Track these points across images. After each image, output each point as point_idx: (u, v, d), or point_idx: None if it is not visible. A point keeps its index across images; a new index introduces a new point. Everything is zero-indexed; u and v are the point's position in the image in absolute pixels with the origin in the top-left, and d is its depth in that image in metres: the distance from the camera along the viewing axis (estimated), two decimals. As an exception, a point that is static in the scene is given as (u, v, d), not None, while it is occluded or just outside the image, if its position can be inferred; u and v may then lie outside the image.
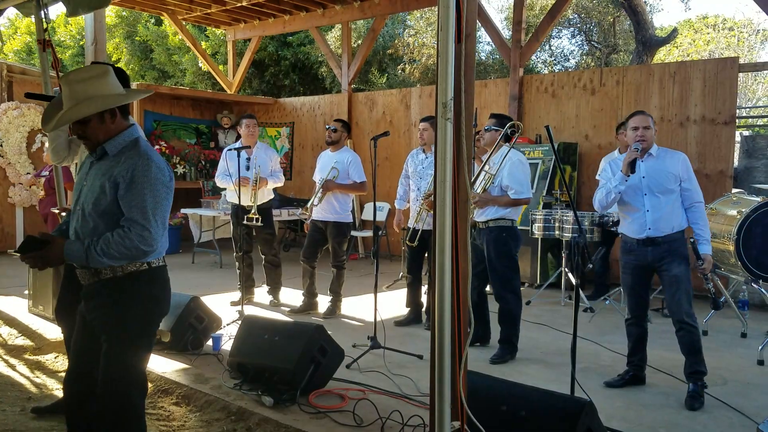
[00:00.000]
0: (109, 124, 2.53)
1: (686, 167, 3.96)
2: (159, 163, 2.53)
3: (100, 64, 2.83)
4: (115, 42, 17.09)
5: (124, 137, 2.57)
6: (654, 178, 3.96)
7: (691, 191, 3.95)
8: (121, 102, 2.57)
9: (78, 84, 2.50)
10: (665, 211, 3.92)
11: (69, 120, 2.54)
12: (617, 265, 6.28)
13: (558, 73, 13.32)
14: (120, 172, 2.46)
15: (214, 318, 4.90)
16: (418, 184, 5.46)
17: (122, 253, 2.43)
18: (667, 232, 3.91)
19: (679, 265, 3.90)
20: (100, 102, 2.49)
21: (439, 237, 2.22)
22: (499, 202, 4.73)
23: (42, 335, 5.23)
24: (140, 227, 2.43)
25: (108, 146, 2.54)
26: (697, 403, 3.78)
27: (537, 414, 2.89)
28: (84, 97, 2.48)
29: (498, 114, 4.95)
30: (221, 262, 8.73)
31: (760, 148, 8.87)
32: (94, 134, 2.53)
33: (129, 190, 2.44)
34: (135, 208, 2.44)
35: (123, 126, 2.58)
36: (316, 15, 10.12)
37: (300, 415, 3.59)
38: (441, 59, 2.15)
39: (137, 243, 2.43)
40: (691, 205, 3.95)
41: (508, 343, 4.72)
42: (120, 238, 2.41)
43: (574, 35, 18.13)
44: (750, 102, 19.15)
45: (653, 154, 4.01)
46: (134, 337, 2.55)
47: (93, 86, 2.51)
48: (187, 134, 11.01)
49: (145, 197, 2.45)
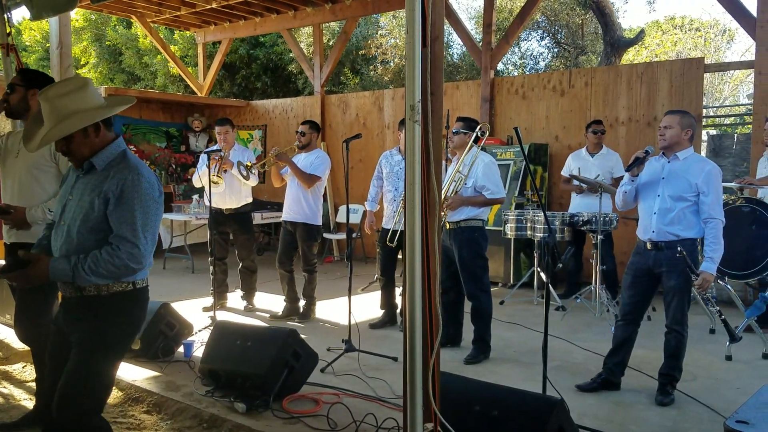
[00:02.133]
0: (93, 138, 2.47)
1: (708, 180, 3.73)
2: (149, 177, 2.48)
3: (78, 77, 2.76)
4: (82, 45, 16.82)
5: (110, 150, 2.51)
6: (671, 182, 3.82)
7: (707, 205, 3.72)
8: (105, 115, 2.50)
9: (58, 99, 2.42)
10: (672, 217, 3.79)
11: (54, 139, 2.45)
12: (589, 264, 6.39)
13: (528, 75, 13.46)
14: (110, 187, 2.41)
15: (186, 324, 4.85)
16: (396, 185, 5.46)
17: (110, 272, 2.38)
18: (671, 239, 3.77)
19: (679, 276, 3.76)
20: (84, 117, 2.43)
21: (410, 239, 2.22)
22: (474, 202, 4.76)
23: (9, 345, 5.12)
24: (130, 245, 2.38)
25: (95, 160, 2.49)
26: (667, 399, 3.83)
27: (509, 413, 2.91)
28: (67, 113, 2.41)
29: (465, 117, 5.00)
30: (193, 268, 8.63)
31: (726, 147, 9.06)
32: (79, 150, 2.47)
33: (118, 206, 2.39)
34: (125, 225, 2.39)
35: (108, 139, 2.52)
36: (287, 17, 10.08)
37: (273, 420, 3.57)
38: (408, 62, 2.15)
39: (126, 261, 2.38)
40: (705, 219, 3.74)
41: (481, 342, 4.75)
42: (109, 256, 2.36)
43: (543, 37, 18.34)
44: (716, 102, 19.53)
45: (680, 158, 3.85)
46: (105, 358, 2.50)
47: (74, 101, 2.44)
48: (157, 138, 10.87)
49: (135, 213, 2.40)
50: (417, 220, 2.20)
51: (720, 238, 3.74)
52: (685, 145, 3.86)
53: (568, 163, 6.89)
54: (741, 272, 5.38)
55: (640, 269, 3.97)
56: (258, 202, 9.37)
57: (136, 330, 2.63)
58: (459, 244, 4.78)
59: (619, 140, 7.43)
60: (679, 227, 3.80)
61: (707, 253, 3.73)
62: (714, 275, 3.72)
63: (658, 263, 3.86)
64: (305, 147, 5.93)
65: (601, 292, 5.95)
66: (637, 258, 4.00)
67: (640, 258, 3.97)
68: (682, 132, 3.83)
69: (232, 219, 6.26)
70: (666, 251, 3.80)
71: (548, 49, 18.64)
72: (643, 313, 4.14)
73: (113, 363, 2.56)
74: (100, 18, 16.57)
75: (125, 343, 2.60)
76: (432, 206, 2.37)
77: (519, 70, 18.11)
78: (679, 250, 3.71)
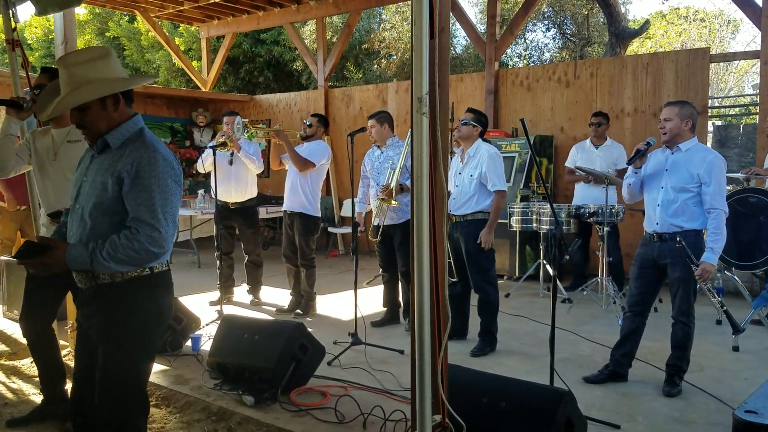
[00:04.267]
0: (111, 111, 2.29)
1: (710, 169, 3.71)
2: (166, 155, 2.31)
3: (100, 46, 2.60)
4: (86, 39, 16.82)
5: (127, 127, 2.33)
6: (674, 173, 3.81)
7: (709, 195, 3.71)
8: (126, 87, 2.32)
9: (77, 67, 2.25)
10: (675, 209, 3.78)
11: (67, 106, 2.27)
12: (595, 256, 6.38)
13: (533, 66, 13.40)
14: (124, 166, 2.22)
15: (193, 318, 4.87)
16: (377, 179, 5.39)
17: (131, 257, 2.20)
18: (674, 231, 3.77)
19: (684, 267, 3.75)
20: (102, 86, 2.25)
21: (417, 232, 2.22)
22: (493, 221, 4.70)
23: (17, 340, 5.14)
24: (149, 227, 2.20)
25: (110, 138, 2.30)
26: (674, 389, 3.83)
27: (517, 405, 2.92)
28: (84, 81, 2.23)
29: (475, 109, 4.98)
30: (199, 262, 8.66)
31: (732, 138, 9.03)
32: (95, 123, 2.29)
33: (135, 186, 2.21)
34: (142, 206, 2.20)
35: (127, 115, 2.34)
36: (290, 11, 10.06)
37: (281, 413, 3.58)
38: (415, 54, 2.14)
39: (147, 245, 2.19)
40: (707, 210, 3.73)
41: (488, 335, 4.75)
42: (128, 241, 2.18)
43: (549, 28, 18.26)
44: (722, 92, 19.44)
45: (682, 149, 3.83)
46: (133, 349, 2.32)
47: (94, 69, 2.26)
48: (161, 133, 10.88)
49: (153, 193, 2.21)
50: (425, 212, 2.19)
51: (722, 229, 3.71)
52: (687, 135, 3.84)
53: (572, 154, 6.87)
54: (748, 263, 5.37)
55: (645, 260, 3.97)
56: (263, 196, 9.38)
57: (161, 319, 2.42)
58: (465, 237, 4.77)
59: (624, 131, 7.41)
60: (682, 218, 3.79)
61: (708, 243, 3.71)
62: (715, 266, 3.70)
63: (662, 255, 3.86)
64: (308, 138, 5.89)
65: (607, 284, 5.94)
66: (643, 249, 4.00)
67: (646, 249, 3.96)
68: (682, 123, 3.82)
69: (238, 213, 6.27)
70: (670, 243, 3.80)
71: (553, 40, 18.57)
72: (651, 305, 4.12)
73: (141, 355, 2.36)
74: (104, 11, 16.56)
75: (152, 335, 2.39)
76: (439, 198, 2.37)
77: (524, 61, 18.04)
78: (678, 240, 3.71)
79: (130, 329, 2.31)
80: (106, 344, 2.32)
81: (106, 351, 2.31)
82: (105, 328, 2.32)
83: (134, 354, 2.34)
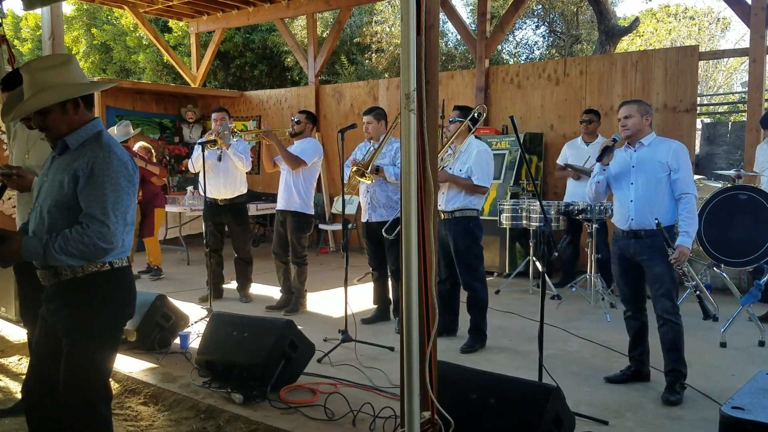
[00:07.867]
0: (71, 115, 2.42)
1: (677, 156, 3.77)
2: (121, 155, 2.42)
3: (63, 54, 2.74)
4: (74, 34, 16.68)
5: (86, 130, 2.46)
6: (642, 168, 3.84)
7: (680, 181, 3.76)
8: (85, 92, 2.46)
9: (39, 72, 2.39)
10: (649, 202, 3.79)
11: (29, 110, 2.41)
12: (584, 253, 6.40)
13: (523, 63, 13.43)
14: (80, 165, 2.35)
15: (182, 316, 4.84)
16: None
17: (81, 251, 2.30)
18: (650, 227, 3.77)
19: (662, 262, 3.74)
20: (62, 91, 2.39)
21: (406, 228, 2.22)
22: (458, 182, 4.74)
23: (4, 338, 5.11)
24: (99, 223, 2.31)
25: (69, 139, 2.43)
26: (673, 397, 3.68)
27: (506, 401, 2.93)
28: (46, 86, 2.37)
29: (462, 106, 4.98)
30: (189, 259, 8.62)
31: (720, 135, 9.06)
32: (56, 126, 2.42)
33: (88, 184, 2.33)
34: (94, 203, 2.32)
35: (86, 118, 2.47)
36: (280, 7, 10.02)
37: (270, 411, 3.57)
38: (403, 51, 2.14)
39: (96, 240, 2.30)
40: (679, 196, 3.77)
41: (477, 331, 4.76)
42: (78, 235, 2.29)
43: (538, 26, 18.29)
44: (711, 90, 19.54)
45: (645, 144, 3.88)
46: (96, 342, 2.44)
47: (55, 75, 2.40)
48: (150, 129, 10.81)
49: (106, 191, 2.33)
50: (413, 208, 2.19)
51: (694, 212, 3.78)
52: (647, 131, 3.91)
53: (564, 152, 6.89)
54: (738, 260, 5.40)
55: (623, 258, 3.96)
56: (253, 193, 9.34)
57: (123, 314, 2.54)
58: (454, 234, 4.78)
59: (614, 129, 7.35)
60: (659, 213, 3.79)
61: (682, 227, 3.74)
62: (690, 249, 3.73)
63: (639, 252, 3.84)
64: (297, 135, 5.86)
65: (596, 281, 5.97)
66: (616, 247, 4.00)
67: (620, 246, 3.95)
68: (642, 119, 3.88)
69: (227, 210, 6.24)
70: (646, 239, 3.80)
71: (543, 37, 18.61)
72: (645, 298, 4.06)
73: (104, 347, 2.48)
74: (92, 7, 16.44)
75: (115, 329, 2.53)
76: (428, 195, 2.37)
77: (514, 59, 18.06)
78: (656, 222, 3.73)
79: (93, 322, 2.43)
80: (71, 337, 2.42)
81: (71, 343, 2.42)
82: (70, 322, 2.43)
83: (98, 345, 2.46)
